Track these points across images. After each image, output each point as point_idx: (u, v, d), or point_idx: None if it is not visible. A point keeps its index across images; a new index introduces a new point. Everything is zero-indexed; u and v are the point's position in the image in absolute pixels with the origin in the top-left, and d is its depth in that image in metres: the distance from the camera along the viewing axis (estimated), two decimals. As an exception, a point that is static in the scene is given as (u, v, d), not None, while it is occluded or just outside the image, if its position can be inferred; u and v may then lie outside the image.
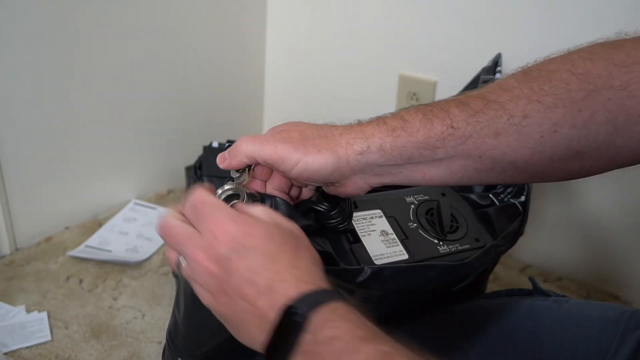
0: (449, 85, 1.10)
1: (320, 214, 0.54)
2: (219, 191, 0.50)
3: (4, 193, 0.99)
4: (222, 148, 1.09)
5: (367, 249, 0.57)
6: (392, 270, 0.54)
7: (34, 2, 0.93)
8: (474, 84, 0.94)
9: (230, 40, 1.28)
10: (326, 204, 0.54)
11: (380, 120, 0.50)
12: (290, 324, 0.39)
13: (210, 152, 1.07)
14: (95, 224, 1.14)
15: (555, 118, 0.47)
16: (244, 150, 0.51)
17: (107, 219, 1.15)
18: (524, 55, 0.55)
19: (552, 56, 0.50)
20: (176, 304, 0.59)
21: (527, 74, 0.49)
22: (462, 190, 0.71)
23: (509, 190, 0.69)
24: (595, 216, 1.02)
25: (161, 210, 1.20)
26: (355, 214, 0.57)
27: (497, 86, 0.50)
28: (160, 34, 1.15)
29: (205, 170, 1.03)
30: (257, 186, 0.53)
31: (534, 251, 1.10)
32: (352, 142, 0.49)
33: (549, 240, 1.08)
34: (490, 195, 0.69)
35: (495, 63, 0.94)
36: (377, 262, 0.56)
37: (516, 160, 0.50)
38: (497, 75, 0.91)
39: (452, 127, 0.48)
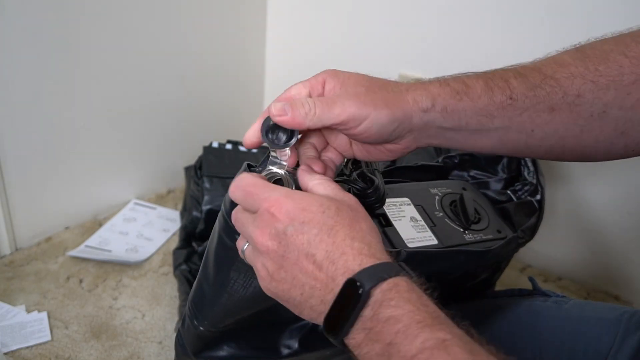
0: (449, 85, 1.10)
1: (356, 194, 0.55)
2: (264, 173, 0.49)
3: (4, 193, 0.99)
4: (222, 148, 1.09)
5: (400, 233, 0.59)
6: (425, 254, 0.56)
7: (34, 3, 0.93)
8: None
9: (230, 41, 1.28)
10: (361, 182, 0.55)
11: (443, 81, 0.50)
12: (352, 297, 0.39)
13: (210, 152, 1.07)
14: (95, 224, 1.14)
15: (606, 99, 0.48)
16: (312, 116, 0.47)
17: (107, 219, 1.15)
18: (524, 55, 0.55)
19: (603, 36, 0.51)
20: (204, 275, 0.60)
21: (581, 51, 0.50)
22: (481, 186, 0.72)
23: (526, 188, 0.71)
24: (595, 216, 1.02)
25: (161, 210, 1.20)
26: (387, 201, 0.59)
27: (553, 61, 0.50)
28: (160, 34, 1.15)
29: (205, 170, 1.03)
30: (311, 152, 0.52)
31: (534, 251, 1.10)
32: (419, 100, 0.49)
33: (549, 240, 1.08)
34: (509, 192, 0.71)
35: None
36: (410, 245, 0.58)
37: (566, 137, 0.51)
38: None
39: (512, 99, 0.49)
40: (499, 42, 1.02)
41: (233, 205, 0.54)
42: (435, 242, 0.60)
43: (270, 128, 0.48)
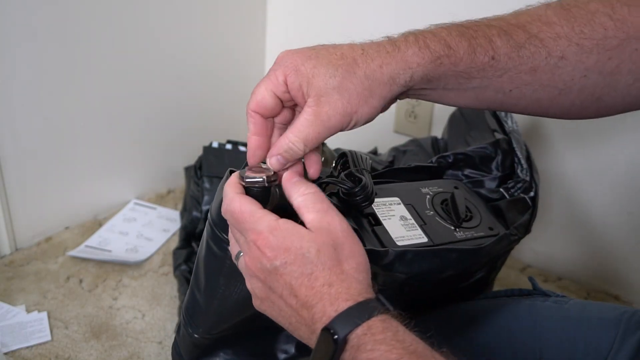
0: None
1: (343, 192, 0.56)
2: (246, 181, 0.48)
3: (4, 193, 0.99)
4: (222, 148, 1.09)
5: (389, 231, 0.59)
6: (414, 252, 0.56)
7: (34, 2, 0.93)
8: None
9: (230, 41, 1.28)
10: (349, 182, 0.55)
11: (422, 44, 0.47)
12: (329, 345, 0.40)
13: (210, 152, 1.07)
14: (95, 224, 1.14)
15: (588, 63, 0.48)
16: (305, 144, 0.47)
17: (107, 219, 1.15)
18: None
19: None
20: (195, 282, 0.60)
21: (566, 9, 0.49)
22: (475, 185, 0.72)
23: (519, 185, 0.71)
24: (595, 216, 1.02)
25: (161, 210, 1.20)
26: (375, 200, 0.59)
27: (537, 18, 0.49)
28: (160, 33, 1.15)
29: (205, 170, 1.03)
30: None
31: (534, 251, 1.10)
32: (396, 76, 0.47)
33: (549, 240, 1.08)
34: (501, 190, 0.71)
35: None
36: (399, 244, 0.58)
37: (542, 98, 0.50)
38: None
39: (494, 59, 0.48)
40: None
41: (220, 215, 0.54)
42: (425, 240, 0.60)
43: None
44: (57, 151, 1.06)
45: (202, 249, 0.58)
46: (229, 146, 1.11)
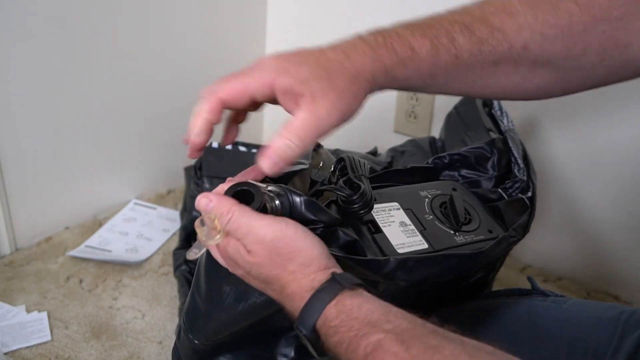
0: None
1: (342, 200, 0.55)
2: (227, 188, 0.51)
3: (4, 193, 0.99)
4: (222, 148, 1.09)
5: (389, 239, 0.59)
6: (415, 260, 0.56)
7: (34, 3, 0.93)
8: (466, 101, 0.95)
9: (230, 40, 1.28)
10: (347, 189, 0.55)
11: (389, 45, 0.48)
12: (305, 339, 0.45)
13: (210, 153, 1.07)
14: (95, 224, 1.14)
15: (553, 50, 0.48)
16: (304, 143, 0.48)
17: (107, 219, 1.15)
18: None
19: None
20: (196, 288, 0.60)
21: None
22: (472, 185, 0.72)
23: (516, 185, 0.71)
24: (595, 216, 1.02)
25: (161, 210, 1.20)
26: (375, 206, 0.59)
27: (501, 8, 0.49)
28: (160, 33, 1.15)
29: (205, 170, 1.03)
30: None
31: (534, 251, 1.10)
32: (376, 76, 0.48)
33: (548, 240, 1.08)
34: (499, 190, 0.71)
35: None
36: (400, 251, 0.58)
37: (506, 86, 0.51)
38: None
39: (457, 57, 0.48)
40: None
41: None
42: (425, 246, 0.60)
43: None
44: (57, 151, 1.06)
45: (202, 256, 0.58)
46: (228, 146, 1.11)
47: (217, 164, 1.05)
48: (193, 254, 0.52)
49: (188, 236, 1.03)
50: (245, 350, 0.64)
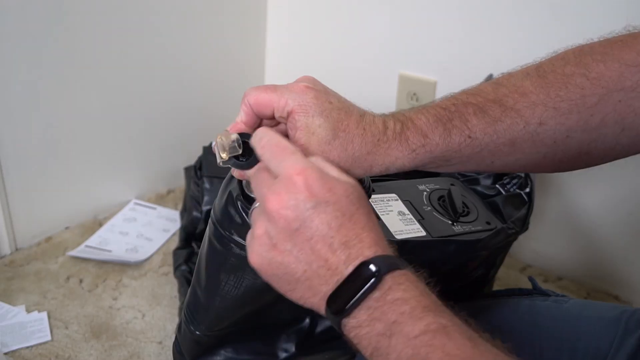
0: (449, 85, 1.09)
1: None
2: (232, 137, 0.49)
3: (4, 193, 0.99)
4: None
5: (387, 226, 0.60)
6: (414, 243, 0.57)
7: (33, 3, 0.93)
8: None
9: (230, 41, 1.28)
10: None
11: (403, 136, 0.49)
12: (363, 278, 0.40)
13: (210, 153, 1.07)
14: (95, 224, 1.14)
15: (569, 124, 0.48)
16: None
17: (107, 219, 1.15)
18: (523, 54, 0.55)
19: (564, 52, 0.50)
20: (196, 280, 0.60)
21: (542, 77, 0.49)
22: (471, 183, 0.73)
23: (514, 181, 0.72)
24: (595, 216, 1.02)
25: (161, 210, 1.20)
26: (373, 196, 0.59)
27: (514, 89, 0.50)
28: (160, 33, 1.15)
29: (205, 170, 1.03)
30: None
31: (534, 251, 1.10)
32: (374, 166, 0.49)
33: (549, 240, 1.08)
34: (497, 186, 0.72)
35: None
36: (398, 237, 0.58)
37: (527, 164, 0.51)
38: None
39: (470, 137, 0.49)
40: (499, 41, 1.02)
41: (224, 212, 0.55)
42: (423, 233, 0.61)
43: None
44: (57, 151, 1.06)
45: (204, 246, 0.59)
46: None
47: (217, 164, 1.05)
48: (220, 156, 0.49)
49: (188, 236, 1.03)
50: (246, 344, 0.64)
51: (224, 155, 0.48)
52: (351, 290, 0.40)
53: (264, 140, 0.45)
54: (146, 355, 0.85)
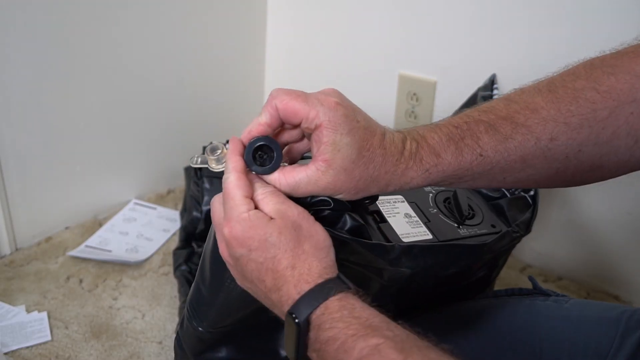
0: (449, 85, 1.10)
1: None
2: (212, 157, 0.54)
3: (4, 193, 0.99)
4: (222, 148, 1.09)
5: (394, 228, 0.60)
6: (420, 247, 0.57)
7: (33, 3, 0.93)
8: (471, 101, 0.96)
9: (230, 41, 1.28)
10: None
11: (417, 157, 0.50)
12: (294, 326, 0.43)
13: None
14: (95, 224, 1.14)
15: (580, 138, 0.48)
16: (290, 191, 0.50)
17: (107, 219, 1.15)
18: (523, 54, 0.55)
19: (575, 67, 0.50)
20: (200, 276, 0.61)
21: (553, 91, 0.49)
22: None
23: None
24: (595, 216, 1.02)
25: (161, 210, 1.20)
26: (380, 198, 0.60)
27: (525, 105, 0.50)
28: (160, 33, 1.15)
29: (205, 170, 1.03)
30: None
31: (534, 251, 1.10)
32: (389, 185, 0.50)
33: (549, 240, 1.08)
34: (502, 189, 0.72)
35: (492, 81, 0.98)
36: (405, 240, 0.59)
37: (539, 180, 0.51)
38: (495, 92, 0.95)
39: (481, 155, 0.49)
40: (499, 41, 1.02)
41: None
42: (429, 236, 0.61)
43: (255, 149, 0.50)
44: (57, 151, 1.06)
45: (208, 243, 0.59)
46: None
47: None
48: (194, 162, 0.54)
49: (188, 236, 1.03)
50: (248, 342, 0.64)
51: (218, 166, 0.53)
52: (290, 339, 0.44)
53: (227, 181, 0.49)
54: (146, 355, 0.85)
